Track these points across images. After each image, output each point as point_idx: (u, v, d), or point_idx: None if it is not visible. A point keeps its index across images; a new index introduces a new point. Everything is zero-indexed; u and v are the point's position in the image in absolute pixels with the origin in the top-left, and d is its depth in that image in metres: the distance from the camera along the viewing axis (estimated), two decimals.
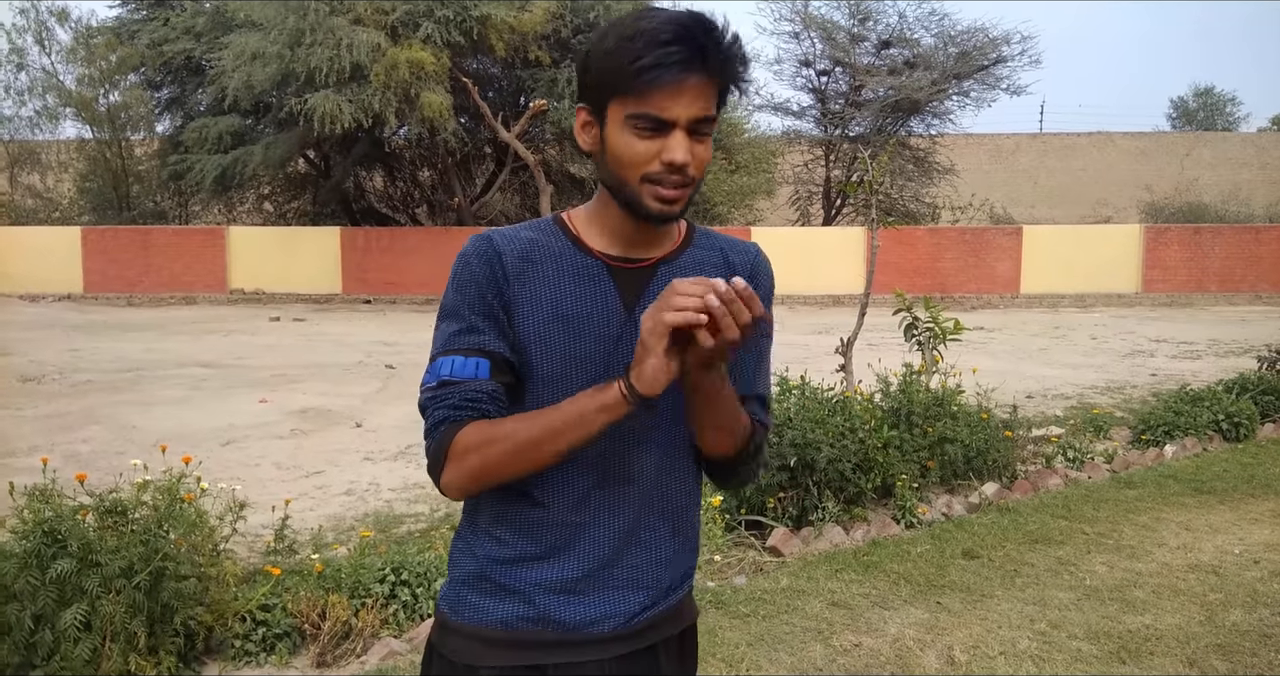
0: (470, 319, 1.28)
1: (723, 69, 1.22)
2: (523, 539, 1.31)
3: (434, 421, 1.27)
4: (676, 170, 1.22)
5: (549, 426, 1.22)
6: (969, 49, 24.14)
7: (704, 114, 1.22)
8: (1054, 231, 22.70)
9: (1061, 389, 9.39)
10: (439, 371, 1.28)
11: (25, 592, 2.90)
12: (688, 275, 1.31)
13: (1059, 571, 4.20)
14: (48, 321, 17.22)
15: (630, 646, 1.33)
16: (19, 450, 6.77)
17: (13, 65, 24.74)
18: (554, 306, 1.29)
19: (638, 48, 1.18)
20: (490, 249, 1.30)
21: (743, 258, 1.43)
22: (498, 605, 1.31)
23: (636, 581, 1.33)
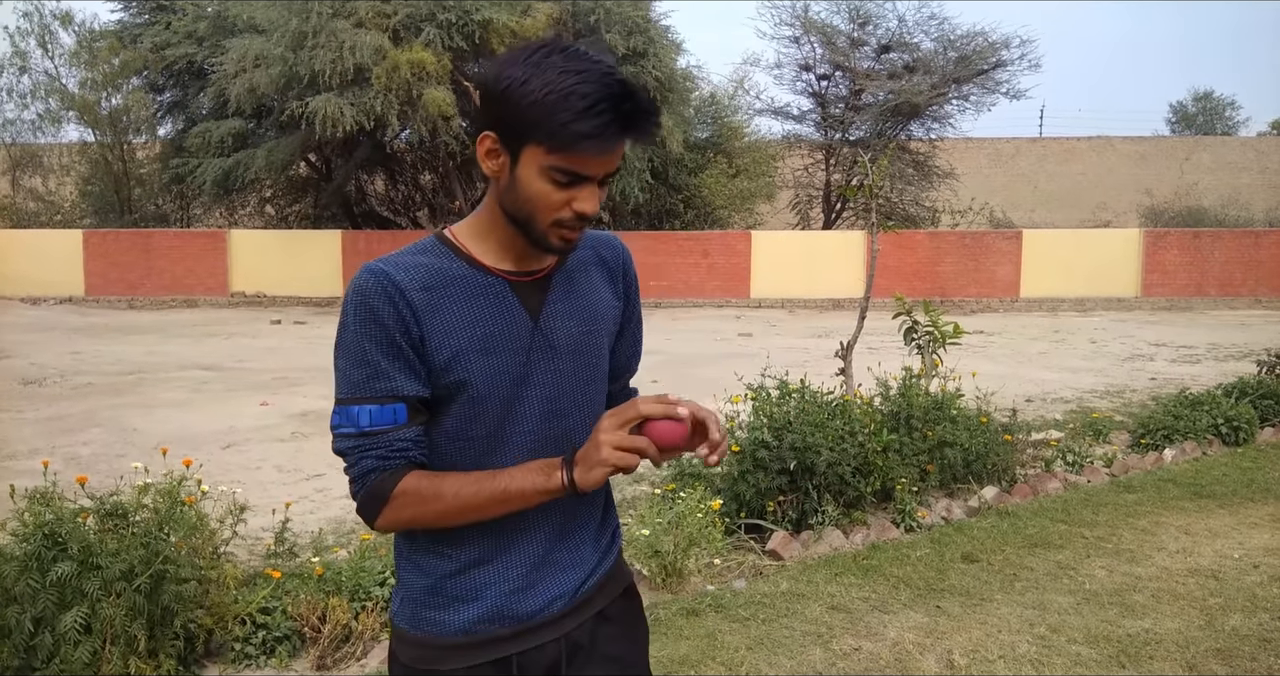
0: (377, 362, 1.28)
1: (641, 134, 1.27)
2: (465, 548, 1.35)
3: (363, 470, 1.29)
4: (580, 219, 1.29)
5: (491, 496, 1.28)
6: (968, 53, 24.17)
7: (615, 168, 1.30)
8: (1054, 235, 22.71)
9: (1061, 393, 9.39)
10: (357, 421, 1.29)
11: (25, 595, 2.90)
12: (578, 279, 1.41)
13: (1058, 575, 4.20)
14: (49, 324, 17.23)
15: (581, 617, 1.41)
16: (20, 453, 6.78)
17: (15, 68, 24.80)
18: (467, 331, 1.31)
19: (574, 111, 1.20)
20: (389, 284, 1.28)
21: (613, 254, 1.49)
22: (455, 615, 1.35)
23: (575, 561, 1.41)
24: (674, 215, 23.83)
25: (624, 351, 1.52)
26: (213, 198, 23.54)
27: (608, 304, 1.45)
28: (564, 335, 1.37)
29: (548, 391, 1.35)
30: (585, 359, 1.40)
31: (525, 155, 1.26)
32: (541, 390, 1.35)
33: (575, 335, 1.38)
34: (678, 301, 21.57)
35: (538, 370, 1.34)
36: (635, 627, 1.52)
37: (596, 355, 1.42)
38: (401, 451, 1.29)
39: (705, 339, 15.08)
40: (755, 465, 4.59)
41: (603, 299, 1.44)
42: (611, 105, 1.22)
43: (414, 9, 18.76)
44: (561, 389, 1.37)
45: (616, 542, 1.51)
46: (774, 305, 21.43)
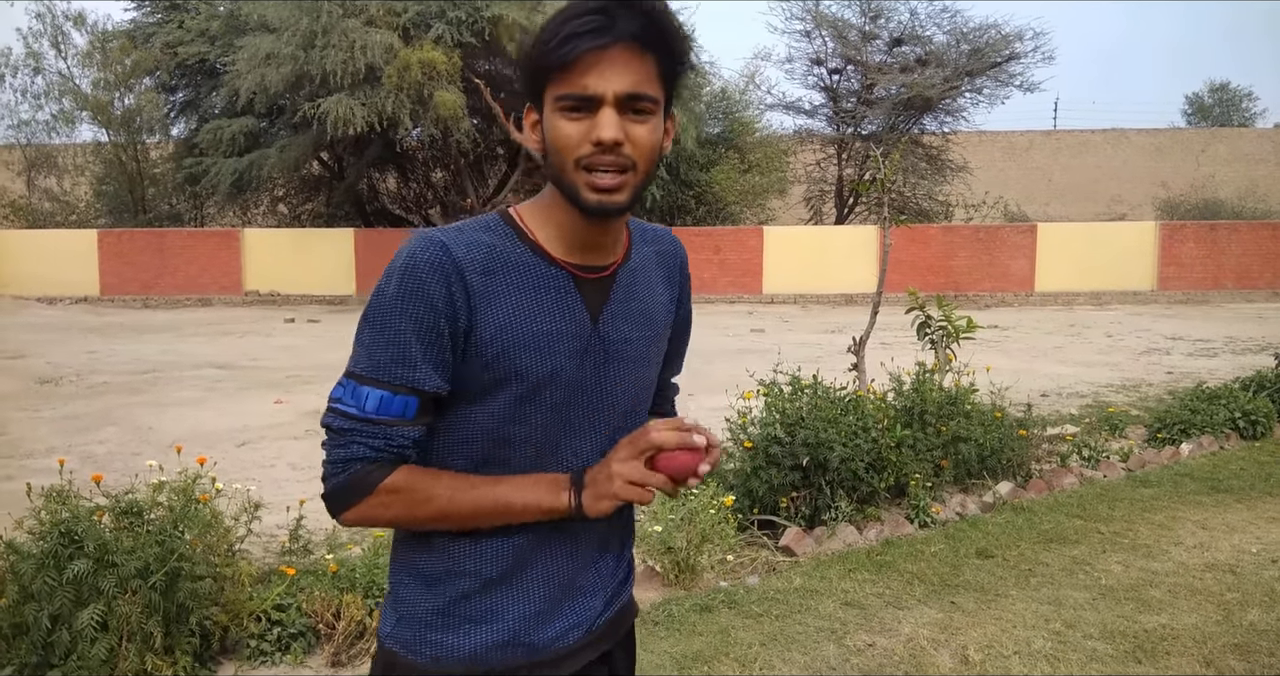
0: (409, 345, 1.14)
1: (644, 34, 1.12)
2: (489, 563, 1.21)
3: (350, 455, 1.16)
4: (609, 150, 1.12)
5: (491, 507, 1.17)
6: (981, 46, 24.04)
7: (634, 89, 1.13)
8: (1069, 229, 22.57)
9: (1076, 387, 9.34)
10: (362, 403, 1.16)
11: (43, 592, 2.92)
12: (639, 279, 1.29)
13: (1074, 571, 4.18)
14: (65, 323, 17.36)
15: (591, 654, 1.28)
16: (36, 451, 6.83)
17: (29, 69, 25.01)
18: (524, 327, 1.17)
19: (555, 25, 1.12)
20: (448, 261, 1.14)
21: (672, 249, 1.39)
22: (465, 639, 1.21)
23: (597, 586, 1.29)
24: (685, 211, 23.80)
25: (672, 352, 1.40)
26: (226, 197, 23.65)
27: (664, 308, 1.33)
28: (621, 340, 1.25)
29: (597, 399, 1.24)
30: (637, 366, 1.28)
31: (546, 105, 1.16)
32: (591, 398, 1.24)
33: (633, 341, 1.26)
34: None
35: (587, 376, 1.22)
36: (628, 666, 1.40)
37: (651, 363, 1.31)
38: (401, 448, 1.17)
39: (717, 335, 15.06)
40: (768, 461, 4.58)
41: (660, 302, 1.32)
42: (594, 8, 1.11)
43: (424, 7, 18.78)
44: (613, 397, 1.25)
45: (632, 569, 1.39)
46: (786, 301, 21.39)
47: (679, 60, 1.17)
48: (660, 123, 1.18)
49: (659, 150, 1.19)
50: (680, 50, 1.17)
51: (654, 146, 1.17)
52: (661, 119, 1.18)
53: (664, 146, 1.21)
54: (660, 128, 1.18)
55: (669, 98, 1.19)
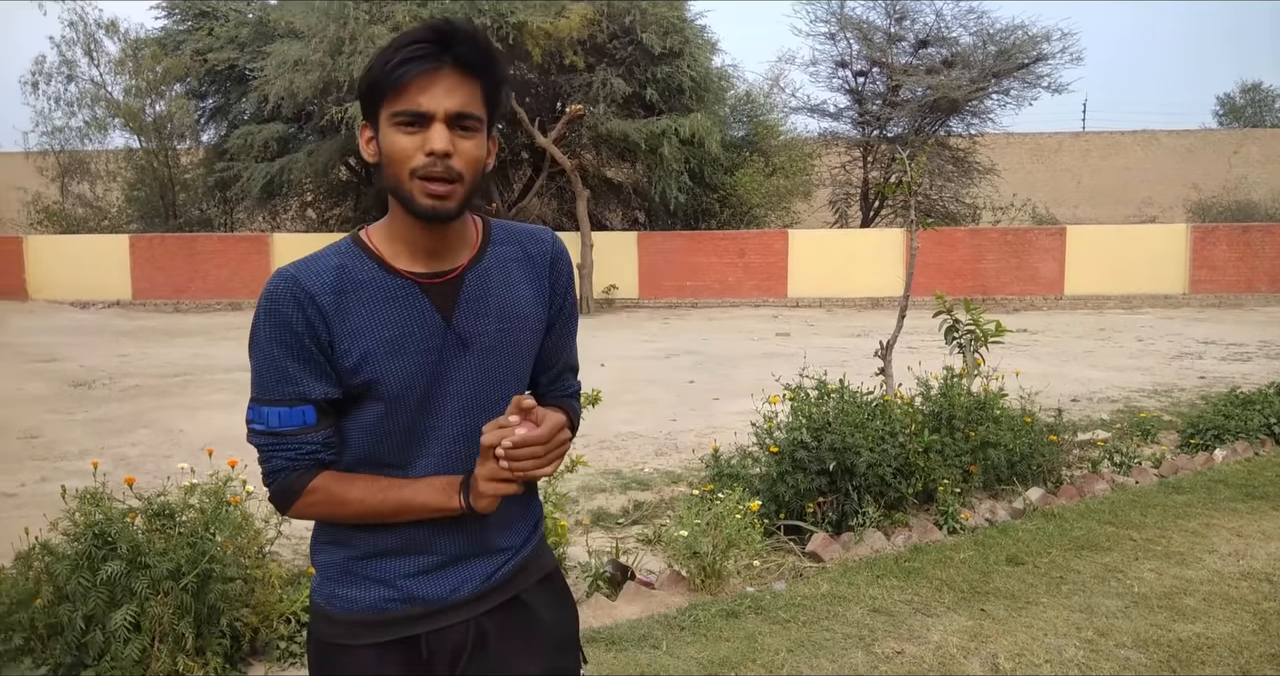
0: (286, 366, 1.32)
1: (471, 60, 1.29)
2: (380, 537, 1.39)
3: (274, 468, 1.36)
4: (440, 160, 1.27)
5: (395, 508, 1.35)
6: (1008, 47, 23.82)
7: (461, 108, 1.28)
8: (1098, 231, 22.31)
9: (1107, 392, 9.23)
10: (268, 421, 1.35)
11: (77, 593, 2.96)
12: (495, 277, 1.41)
13: (1106, 578, 4.12)
14: (97, 327, 17.61)
15: (492, 602, 1.44)
16: (70, 453, 6.93)
17: (63, 76, 25.35)
18: (376, 333, 1.33)
19: (389, 51, 1.27)
20: (300, 291, 1.32)
21: (540, 248, 1.48)
22: (365, 593, 1.39)
23: (488, 553, 1.45)
24: (710, 215, 23.77)
25: (552, 346, 1.51)
26: (256, 202, 23.90)
27: (528, 301, 1.45)
28: (477, 334, 1.38)
29: (464, 388, 1.38)
30: (501, 356, 1.41)
31: (381, 121, 1.31)
32: (458, 387, 1.38)
33: (490, 333, 1.39)
34: (714, 301, 21.51)
35: (451, 368, 1.37)
36: (553, 611, 1.53)
37: (514, 352, 1.43)
38: (310, 454, 1.35)
39: (742, 339, 15.03)
40: (794, 466, 4.56)
41: (521, 296, 1.44)
42: (425, 36, 1.27)
43: (450, 13, 18.90)
44: (478, 386, 1.39)
45: (537, 532, 1.54)
46: (811, 304, 21.30)
47: (500, 84, 1.34)
48: (484, 140, 1.33)
49: (483, 164, 1.34)
50: (501, 76, 1.34)
51: (478, 160, 1.32)
52: (485, 137, 1.33)
53: (487, 163, 1.35)
54: (484, 145, 1.33)
55: (491, 119, 1.34)
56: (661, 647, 3.45)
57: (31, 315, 18.97)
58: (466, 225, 1.42)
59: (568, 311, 1.51)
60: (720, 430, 7.27)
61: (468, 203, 1.34)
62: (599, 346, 13.49)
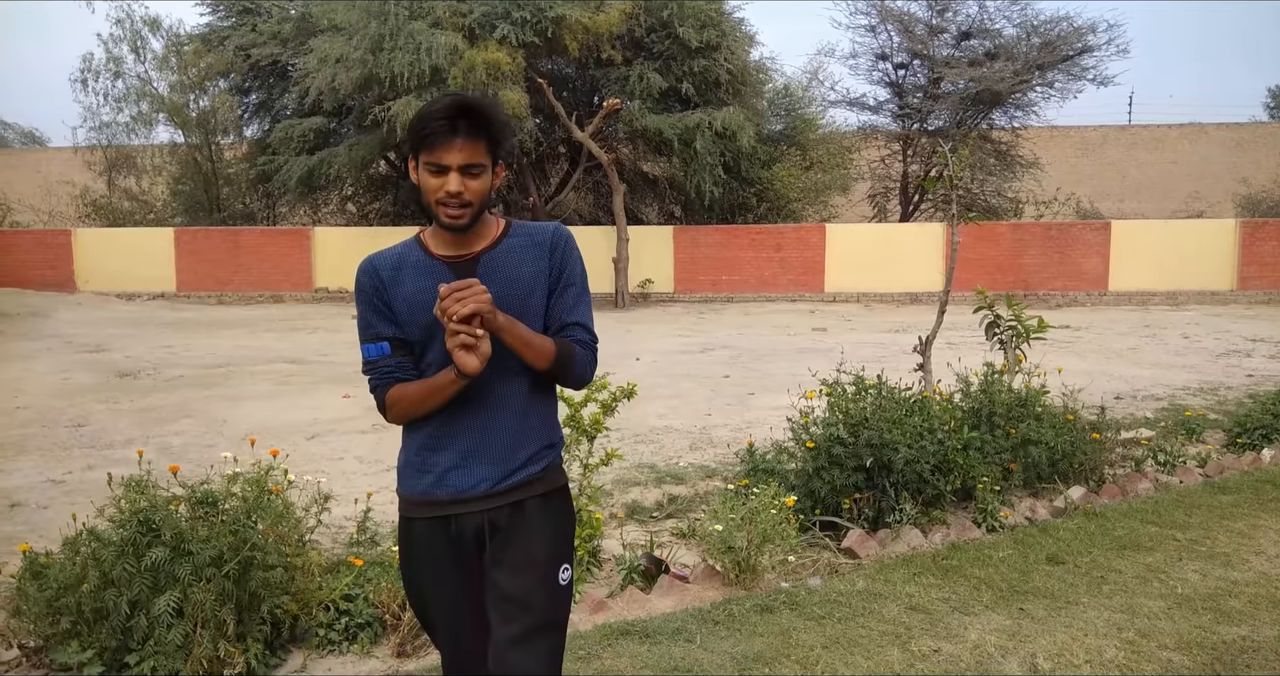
0: (369, 316, 2.03)
1: (474, 130, 1.89)
2: (422, 439, 2.04)
3: (371, 386, 2.05)
4: (454, 197, 1.91)
5: (428, 393, 1.97)
6: (1052, 38, 23.43)
7: (469, 162, 1.90)
8: (1144, 226, 21.88)
9: (1152, 390, 9.05)
10: (365, 356, 2.04)
11: (122, 579, 3.02)
12: (508, 259, 2.02)
13: (1149, 579, 4.05)
14: (143, 319, 17.96)
15: (502, 501, 2.01)
16: (116, 442, 7.08)
17: (110, 73, 25.85)
18: (414, 295, 1.98)
19: (423, 121, 1.90)
20: (370, 267, 2.04)
21: (543, 236, 2.06)
22: (418, 481, 2.04)
23: (497, 458, 2.01)
24: (746, 209, 23.66)
25: (559, 304, 2.05)
26: (297, 196, 24.20)
27: (531, 273, 2.01)
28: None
29: None
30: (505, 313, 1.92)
31: (419, 163, 1.94)
32: None
33: (500, 297, 1.91)
34: (750, 296, 21.43)
35: None
36: (549, 520, 2.05)
37: (515, 310, 1.95)
38: (389, 373, 2.02)
39: (778, 334, 14.95)
40: (830, 461, 4.53)
41: (525, 271, 2.01)
42: (447, 113, 1.88)
43: (490, 8, 18.98)
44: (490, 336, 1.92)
45: (547, 458, 2.07)
46: (849, 299, 21.14)
47: (499, 139, 1.95)
48: (489, 176, 1.96)
49: (488, 191, 1.97)
50: (501, 134, 1.95)
51: (483, 191, 1.95)
52: (490, 173, 1.96)
53: (493, 185, 1.98)
54: (489, 179, 1.96)
55: (495, 159, 1.96)
56: (696, 641, 3.44)
57: (79, 307, 19.39)
58: (487, 225, 2.04)
59: (566, 281, 2.05)
60: (755, 425, 7.24)
61: (478, 217, 1.97)
62: (634, 340, 13.49)
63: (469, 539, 2.02)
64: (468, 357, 1.85)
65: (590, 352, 2.07)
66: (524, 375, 2.01)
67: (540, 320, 2.02)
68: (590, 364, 2.08)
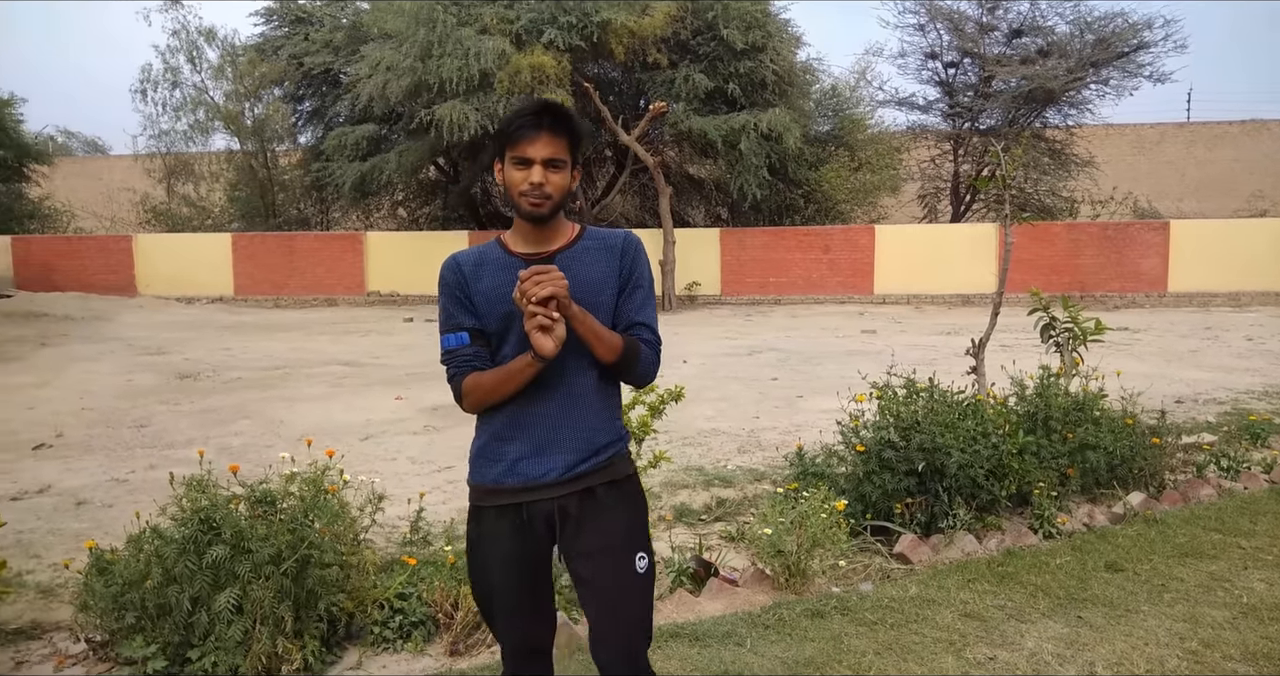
0: (450, 308, 2.15)
1: (557, 127, 2.06)
2: (495, 428, 2.13)
3: (449, 376, 2.14)
4: (536, 188, 2.06)
5: (504, 378, 2.07)
6: (1107, 35, 22.94)
7: (551, 156, 2.05)
8: (1204, 226, 21.31)
9: (1214, 393, 8.82)
10: (445, 346, 2.14)
11: (184, 576, 3.10)
12: (581, 261, 2.13)
13: (1212, 587, 3.95)
14: (202, 322, 18.38)
15: (571, 488, 2.09)
16: (177, 442, 7.25)
17: (168, 83, 26.54)
18: (492, 289, 2.11)
19: (511, 120, 2.07)
20: (454, 263, 2.18)
21: (614, 241, 2.18)
22: (489, 470, 2.12)
23: (568, 446, 2.09)
24: (794, 210, 23.51)
25: (627, 305, 2.16)
26: (350, 201, 24.60)
27: (602, 274, 2.13)
28: None
29: None
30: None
31: (505, 161, 2.10)
32: None
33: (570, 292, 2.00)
34: (797, 298, 21.29)
35: None
36: (619, 505, 2.13)
37: (587, 308, 2.05)
38: (466, 362, 2.12)
39: (826, 336, 14.84)
40: (881, 466, 4.48)
41: (597, 272, 2.13)
42: (533, 111, 2.06)
43: (536, 13, 19.10)
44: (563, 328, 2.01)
45: (615, 448, 2.16)
46: (899, 301, 20.90)
47: (578, 139, 2.11)
48: (569, 171, 2.11)
49: (567, 186, 2.11)
50: (579, 133, 2.11)
51: (563, 185, 2.10)
52: (570, 169, 2.11)
53: (571, 185, 2.13)
54: (568, 176, 2.11)
55: (574, 158, 2.11)
56: (745, 645, 3.43)
57: (140, 310, 19.90)
58: (564, 226, 2.17)
59: (634, 283, 2.16)
60: (804, 428, 7.19)
61: (557, 211, 2.11)
62: (681, 343, 13.48)
63: (539, 527, 2.10)
64: (544, 339, 1.95)
65: (654, 352, 2.17)
66: (594, 369, 2.11)
67: (609, 320, 2.13)
68: (654, 363, 2.18)
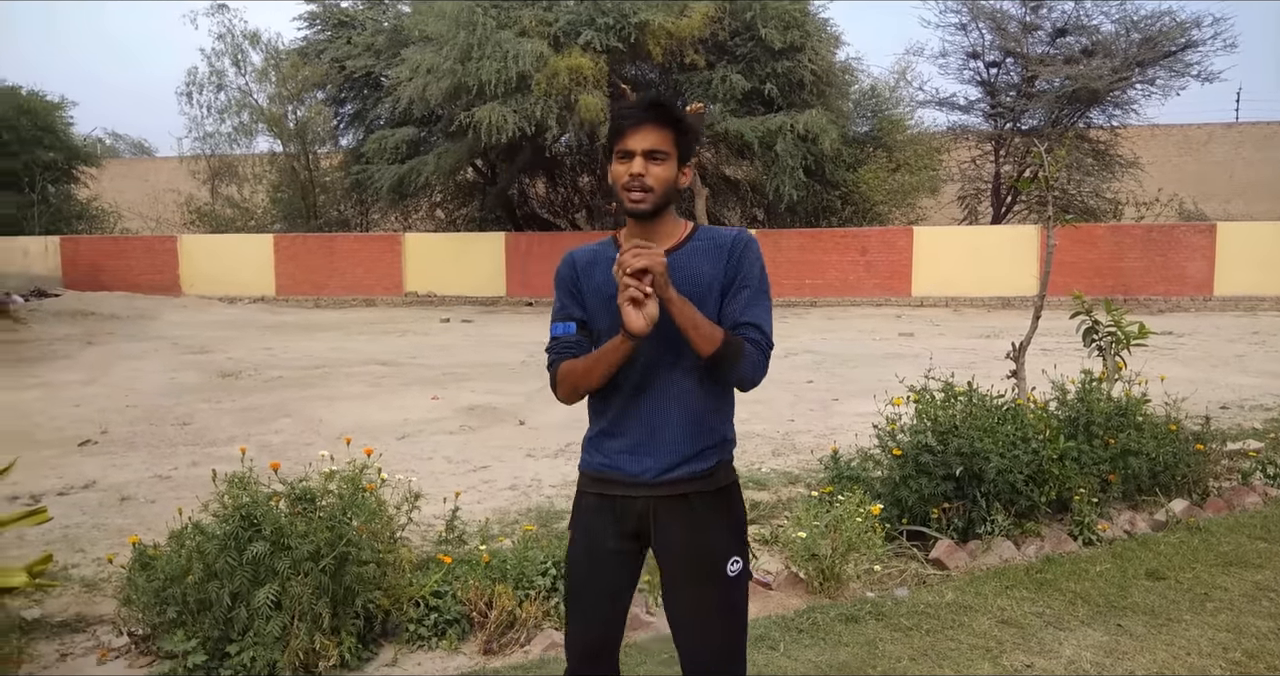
0: (563, 299, 2.20)
1: (659, 119, 2.05)
2: (603, 423, 2.17)
3: (550, 361, 2.18)
4: (636, 179, 2.04)
5: (596, 359, 2.07)
6: (1154, 34, 22.54)
7: (651, 147, 2.04)
8: (1252, 229, 20.84)
9: (1261, 399, 8.62)
10: (553, 333, 2.19)
11: (224, 571, 3.15)
12: (690, 260, 2.11)
13: (1257, 597, 3.86)
14: (244, 321, 18.69)
15: (666, 491, 2.10)
16: (219, 440, 7.38)
17: (213, 86, 27.04)
18: (603, 286, 2.11)
19: (616, 116, 2.10)
20: (570, 259, 2.22)
21: (724, 240, 2.15)
22: (592, 459, 2.19)
23: (665, 449, 2.10)
24: (831, 212, 23.37)
25: (732, 304, 2.10)
26: (389, 203, 24.87)
27: (709, 273, 2.10)
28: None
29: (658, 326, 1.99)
30: None
31: (611, 158, 2.10)
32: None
33: (681, 291, 2.01)
34: (834, 300, 21.16)
35: None
36: (716, 512, 2.13)
37: (701, 304, 2.04)
38: (567, 349, 2.15)
39: (863, 338, 14.73)
40: (918, 470, 4.44)
41: (704, 271, 2.10)
42: (638, 106, 2.07)
43: (575, 15, 19.18)
44: (665, 322, 1.99)
45: (717, 456, 2.15)
46: (937, 304, 20.69)
47: (683, 132, 2.08)
48: (673, 165, 2.08)
49: (672, 181, 2.08)
50: (682, 126, 2.08)
51: (666, 179, 2.07)
52: (675, 163, 2.08)
53: (680, 181, 2.10)
54: (673, 168, 2.08)
55: (682, 154, 2.09)
56: (779, 649, 3.42)
57: (184, 309, 20.27)
58: (675, 224, 2.16)
59: (742, 282, 2.11)
60: (839, 431, 7.15)
61: (660, 206, 2.08)
62: None
63: (630, 526, 2.13)
64: (635, 315, 1.92)
65: (761, 353, 2.07)
66: (695, 371, 2.08)
67: (713, 318, 2.07)
68: (759, 365, 2.08)
